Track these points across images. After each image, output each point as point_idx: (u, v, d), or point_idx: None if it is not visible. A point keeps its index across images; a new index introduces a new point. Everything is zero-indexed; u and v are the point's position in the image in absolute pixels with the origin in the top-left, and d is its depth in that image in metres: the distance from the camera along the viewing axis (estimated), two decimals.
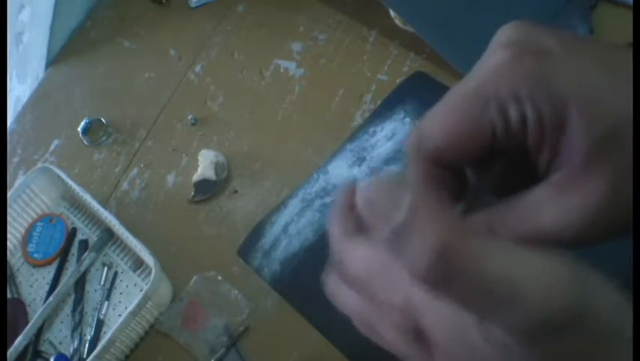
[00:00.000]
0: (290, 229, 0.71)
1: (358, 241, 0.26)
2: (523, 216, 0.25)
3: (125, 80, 0.89)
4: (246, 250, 0.71)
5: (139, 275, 0.73)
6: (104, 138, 0.83)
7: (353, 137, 0.76)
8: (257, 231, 0.72)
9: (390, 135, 0.74)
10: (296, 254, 0.70)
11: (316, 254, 0.69)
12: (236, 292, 0.68)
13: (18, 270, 0.76)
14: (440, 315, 0.24)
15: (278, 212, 0.73)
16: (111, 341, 0.63)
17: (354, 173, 0.73)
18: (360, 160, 0.74)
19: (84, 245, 0.76)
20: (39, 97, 0.91)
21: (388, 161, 0.73)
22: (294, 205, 0.73)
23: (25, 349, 0.68)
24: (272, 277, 0.69)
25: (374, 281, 0.25)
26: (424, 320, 0.24)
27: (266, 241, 0.71)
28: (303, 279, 0.68)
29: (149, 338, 0.69)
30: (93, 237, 0.76)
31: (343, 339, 0.63)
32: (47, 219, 0.78)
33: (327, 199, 0.72)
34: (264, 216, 0.73)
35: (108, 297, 0.72)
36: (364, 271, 0.25)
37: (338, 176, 0.74)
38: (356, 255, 0.26)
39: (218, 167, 0.76)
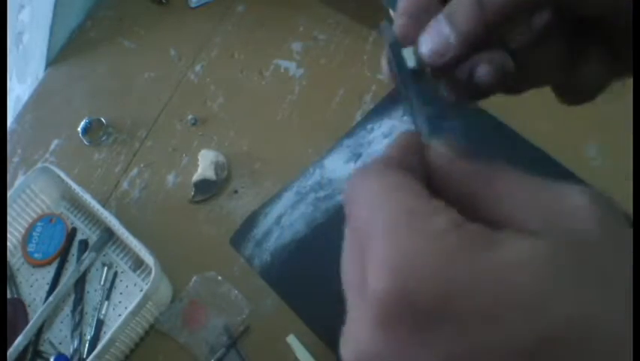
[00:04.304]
0: (283, 221, 0.72)
1: None
2: None
3: (125, 80, 0.89)
4: (238, 239, 0.72)
5: (139, 275, 0.73)
6: (104, 138, 0.83)
7: (350, 133, 0.76)
8: (250, 221, 0.73)
9: (387, 133, 0.74)
10: (287, 246, 0.70)
11: (306, 247, 0.70)
12: (236, 292, 0.68)
13: (18, 270, 0.76)
14: None
15: (272, 204, 0.73)
16: (111, 341, 0.63)
17: (350, 168, 0.74)
18: (357, 156, 0.74)
19: (84, 245, 0.76)
20: (39, 97, 0.91)
21: None
22: (288, 198, 0.73)
23: (25, 349, 0.68)
24: (262, 268, 0.70)
25: None
26: None
27: (258, 231, 0.72)
28: (292, 271, 0.69)
29: (149, 338, 0.69)
30: (93, 237, 0.76)
31: (326, 329, 0.64)
32: (47, 219, 0.78)
33: (321, 193, 0.73)
34: (258, 207, 0.73)
35: (108, 297, 0.72)
36: None
37: (333, 171, 0.74)
38: None
39: (218, 167, 0.76)
